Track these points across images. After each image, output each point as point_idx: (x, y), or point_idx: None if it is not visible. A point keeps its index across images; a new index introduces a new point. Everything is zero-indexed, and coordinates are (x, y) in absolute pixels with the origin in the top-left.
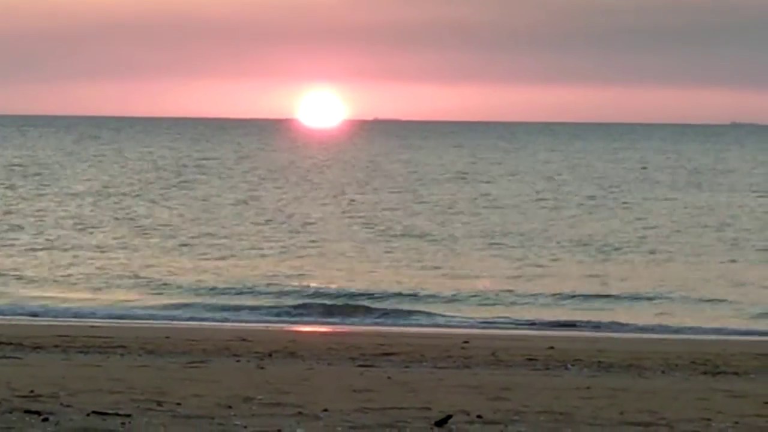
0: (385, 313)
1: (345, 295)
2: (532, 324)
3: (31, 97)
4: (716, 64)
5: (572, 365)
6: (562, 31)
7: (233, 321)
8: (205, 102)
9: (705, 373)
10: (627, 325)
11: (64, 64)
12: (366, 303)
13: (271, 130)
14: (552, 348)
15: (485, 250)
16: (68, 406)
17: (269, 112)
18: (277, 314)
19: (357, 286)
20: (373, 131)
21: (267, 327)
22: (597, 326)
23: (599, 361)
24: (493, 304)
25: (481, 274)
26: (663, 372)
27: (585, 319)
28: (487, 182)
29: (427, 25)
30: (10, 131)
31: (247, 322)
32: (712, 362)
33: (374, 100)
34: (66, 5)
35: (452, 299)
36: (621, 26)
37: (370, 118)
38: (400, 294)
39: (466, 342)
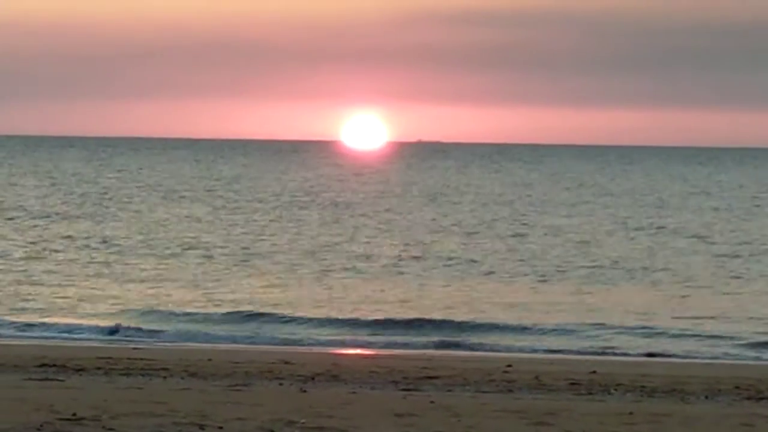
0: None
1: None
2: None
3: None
4: None
5: (615, 390)
6: (605, 53)
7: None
8: (246, 124)
9: (749, 398)
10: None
11: (107, 85)
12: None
13: (321, 153)
14: (595, 372)
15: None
16: (110, 429)
17: (312, 134)
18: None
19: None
20: (420, 153)
21: (310, 350)
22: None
23: (642, 386)
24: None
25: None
26: (706, 397)
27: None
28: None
29: (468, 48)
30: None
31: (293, 345)
32: (755, 387)
33: (417, 122)
34: (112, 27)
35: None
36: (667, 47)
37: (413, 140)
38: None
39: (509, 366)
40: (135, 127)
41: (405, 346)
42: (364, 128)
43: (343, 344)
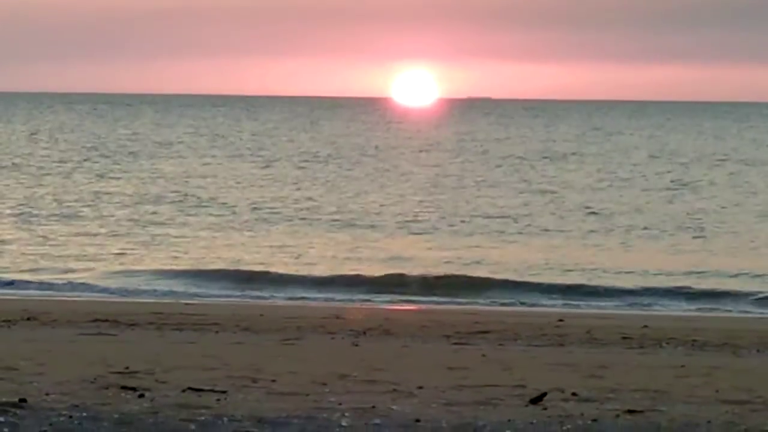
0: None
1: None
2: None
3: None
4: None
5: (667, 344)
6: (660, 8)
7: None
8: (296, 81)
9: None
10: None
11: (150, 43)
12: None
13: (370, 109)
14: (646, 327)
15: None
16: (164, 382)
17: (362, 91)
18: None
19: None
20: (469, 110)
21: (361, 305)
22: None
23: (694, 340)
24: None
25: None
26: (758, 351)
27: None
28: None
29: (520, 4)
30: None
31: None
32: None
33: (467, 79)
34: None
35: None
36: (717, 3)
37: (463, 96)
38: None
39: (560, 320)
40: (190, 84)
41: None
42: (415, 85)
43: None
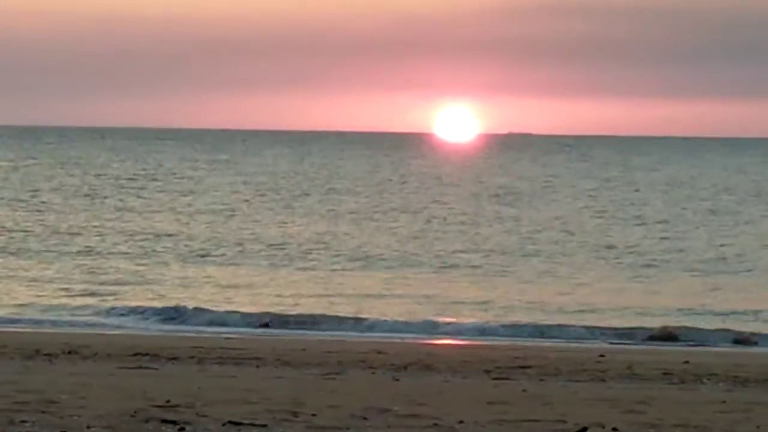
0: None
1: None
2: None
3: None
4: None
5: (708, 380)
6: (695, 44)
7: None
8: (340, 116)
9: None
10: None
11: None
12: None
13: (418, 145)
14: (687, 362)
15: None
16: (204, 416)
17: (406, 126)
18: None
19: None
20: (510, 145)
21: (401, 339)
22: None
23: (735, 376)
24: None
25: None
26: None
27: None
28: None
29: (560, 40)
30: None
31: (382, 335)
32: None
33: (508, 114)
34: (190, 20)
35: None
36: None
37: (504, 132)
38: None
39: (601, 356)
40: (224, 119)
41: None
42: (456, 120)
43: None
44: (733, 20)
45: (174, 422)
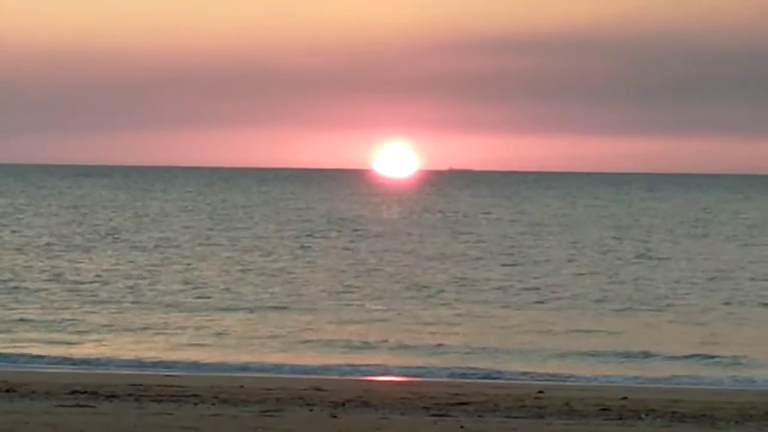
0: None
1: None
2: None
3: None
4: None
5: (646, 415)
6: (637, 82)
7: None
8: (276, 151)
9: None
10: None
11: (139, 114)
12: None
13: (353, 180)
14: (626, 398)
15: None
16: None
17: (345, 162)
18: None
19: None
20: (461, 181)
21: (340, 376)
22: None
23: (673, 412)
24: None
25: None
26: (737, 422)
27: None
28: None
29: (500, 76)
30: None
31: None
32: None
33: (449, 151)
34: (141, 55)
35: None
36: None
37: (444, 168)
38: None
39: (540, 392)
40: (169, 156)
41: (431, 374)
42: (396, 157)
43: (373, 371)
44: (677, 57)
45: None
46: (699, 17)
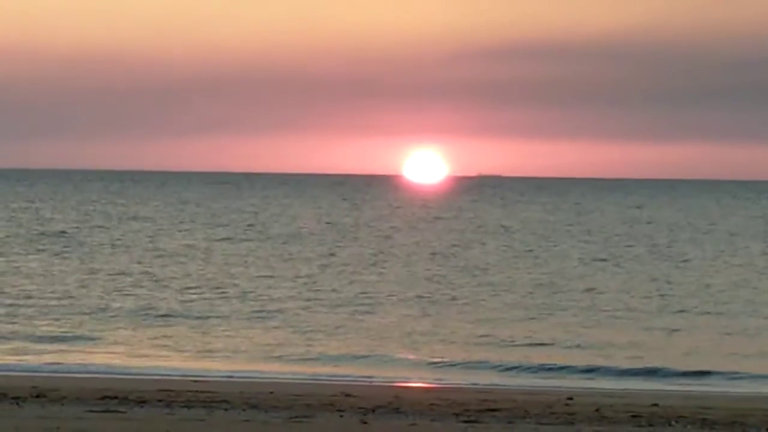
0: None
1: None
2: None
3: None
4: None
5: (676, 422)
6: (658, 86)
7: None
8: (305, 157)
9: None
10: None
11: (159, 121)
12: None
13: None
14: (656, 405)
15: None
16: None
17: (373, 168)
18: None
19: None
20: (478, 187)
21: (371, 382)
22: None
23: (703, 419)
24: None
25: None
26: (767, 430)
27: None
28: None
29: (530, 82)
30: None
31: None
32: None
33: (477, 157)
34: (160, 61)
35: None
36: (717, 81)
37: (473, 174)
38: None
39: (570, 399)
40: (197, 161)
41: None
42: (426, 163)
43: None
44: (702, 61)
45: None
46: (716, 24)
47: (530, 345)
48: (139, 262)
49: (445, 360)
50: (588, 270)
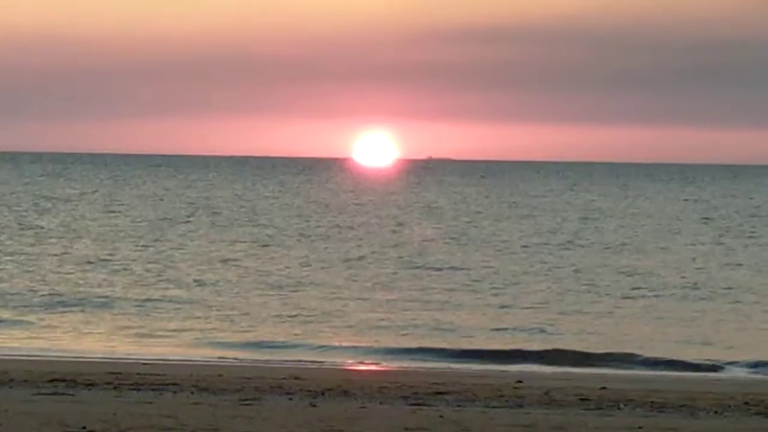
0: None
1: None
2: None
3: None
4: None
5: (625, 405)
6: (613, 70)
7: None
8: (255, 140)
9: (758, 413)
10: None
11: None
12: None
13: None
14: (605, 388)
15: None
16: None
17: (324, 152)
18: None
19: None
20: (427, 170)
21: (320, 365)
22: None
23: (652, 402)
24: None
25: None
26: (716, 412)
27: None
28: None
29: (479, 65)
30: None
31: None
32: (765, 403)
33: (427, 140)
34: (119, 43)
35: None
36: (677, 64)
37: (423, 157)
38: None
39: (519, 382)
40: (148, 144)
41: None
42: (375, 146)
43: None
44: (655, 44)
45: None
46: (670, 7)
47: (479, 329)
48: (75, 245)
49: (394, 346)
50: (532, 252)
